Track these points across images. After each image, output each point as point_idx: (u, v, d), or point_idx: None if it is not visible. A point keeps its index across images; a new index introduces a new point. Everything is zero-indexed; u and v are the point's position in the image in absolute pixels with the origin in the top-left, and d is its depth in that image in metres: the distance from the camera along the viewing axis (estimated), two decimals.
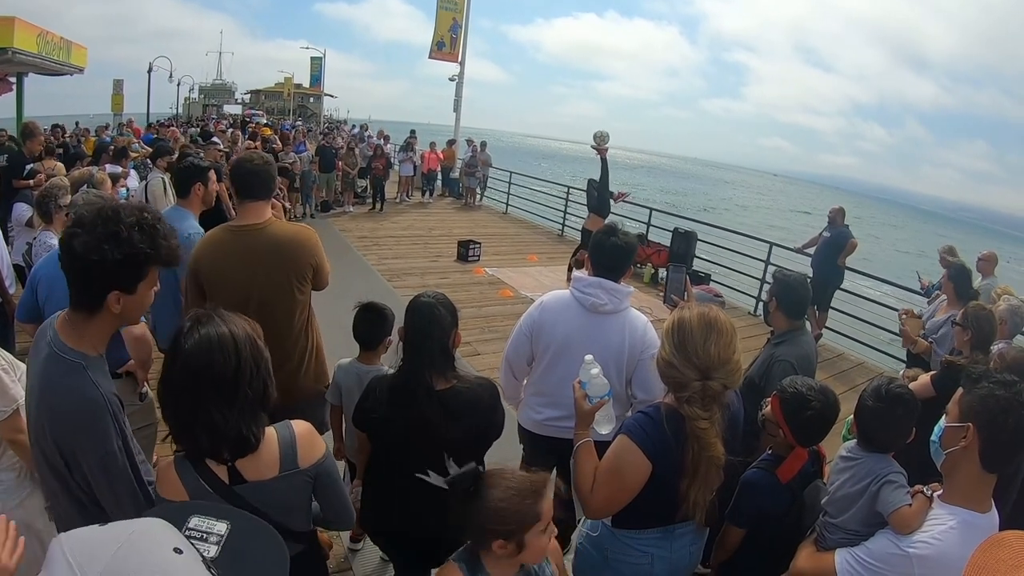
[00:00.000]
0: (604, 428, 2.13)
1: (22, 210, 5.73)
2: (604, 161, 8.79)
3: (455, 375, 2.28)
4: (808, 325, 3.05)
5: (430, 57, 19.87)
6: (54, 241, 4.19)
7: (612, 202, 9.35)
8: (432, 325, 2.24)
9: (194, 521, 0.92)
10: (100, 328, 1.72)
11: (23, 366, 2.34)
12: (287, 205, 13.07)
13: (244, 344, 1.58)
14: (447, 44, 19.71)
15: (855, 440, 2.22)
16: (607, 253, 2.86)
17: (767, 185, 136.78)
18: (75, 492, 1.76)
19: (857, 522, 2.08)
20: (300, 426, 1.75)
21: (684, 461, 1.94)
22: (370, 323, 3.05)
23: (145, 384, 3.13)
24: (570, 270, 9.87)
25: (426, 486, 2.21)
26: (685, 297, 2.88)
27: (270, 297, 2.91)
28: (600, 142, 8.76)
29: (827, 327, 8.66)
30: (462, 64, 19.85)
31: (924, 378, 3.73)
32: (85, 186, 4.38)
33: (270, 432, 1.67)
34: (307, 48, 59.79)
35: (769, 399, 2.48)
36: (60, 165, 7.78)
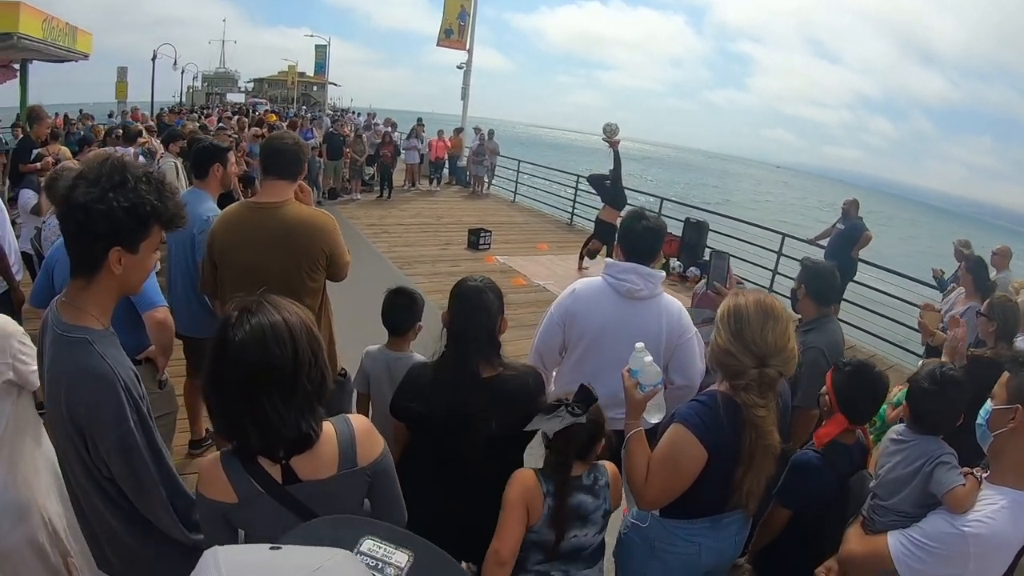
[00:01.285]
0: (654, 417, 2.09)
1: (28, 196, 5.65)
2: (616, 153, 8.83)
3: (501, 362, 2.20)
4: None
5: (438, 45, 19.78)
6: None
7: (609, 146, 9.13)
8: (480, 311, 2.16)
9: (367, 544, 0.81)
10: (101, 295, 1.64)
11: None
12: None
13: (300, 333, 1.44)
14: (455, 32, 19.61)
15: (904, 424, 2.24)
16: (639, 237, 2.79)
17: (770, 177, 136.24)
18: (100, 482, 1.67)
19: (909, 504, 2.08)
20: (359, 421, 1.63)
21: (740, 450, 1.93)
22: (401, 308, 2.92)
23: (165, 371, 3.07)
24: (581, 259, 9.87)
25: (466, 477, 2.17)
26: (727, 284, 2.84)
27: (278, 278, 2.78)
28: (611, 134, 8.88)
29: (839, 319, 8.59)
30: (470, 52, 19.75)
31: None
32: None
33: (328, 427, 1.54)
34: (311, 36, 59.72)
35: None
36: (65, 149, 7.73)
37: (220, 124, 14.32)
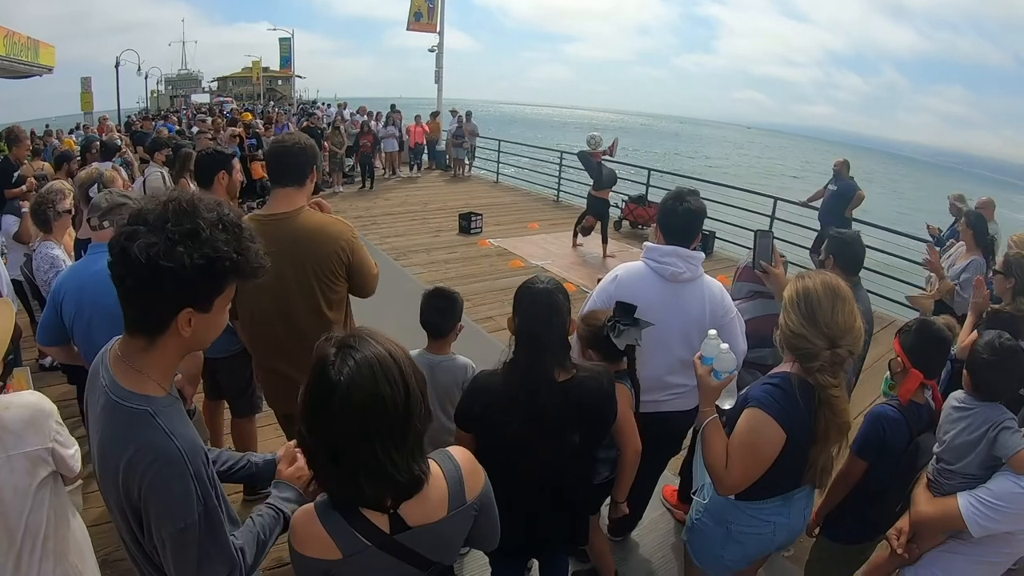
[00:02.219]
0: (727, 403, 2.10)
1: (9, 223, 5.43)
2: (600, 164, 9.16)
3: (573, 363, 2.14)
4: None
5: (408, 29, 19.44)
6: (56, 252, 3.96)
7: (609, 155, 9.57)
8: (553, 314, 2.08)
9: None
10: (164, 358, 1.38)
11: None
12: None
13: (408, 368, 1.31)
14: (425, 14, 19.30)
15: (964, 392, 2.35)
16: (681, 218, 2.78)
17: (745, 139, 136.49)
18: (152, 557, 1.44)
19: (976, 467, 2.21)
20: (461, 454, 1.52)
21: (816, 429, 1.97)
22: (440, 310, 2.82)
23: (193, 400, 2.98)
24: (576, 236, 9.86)
25: (543, 481, 2.14)
26: (773, 263, 2.81)
27: (296, 292, 2.68)
28: (595, 146, 9.21)
29: None
30: (441, 34, 19.46)
31: (971, 333, 3.74)
32: (95, 186, 4.11)
33: (434, 467, 1.42)
34: (274, 30, 58.19)
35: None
36: (48, 165, 7.51)
37: (196, 129, 13.98)
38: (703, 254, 2.79)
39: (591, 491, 2.51)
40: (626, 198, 11.69)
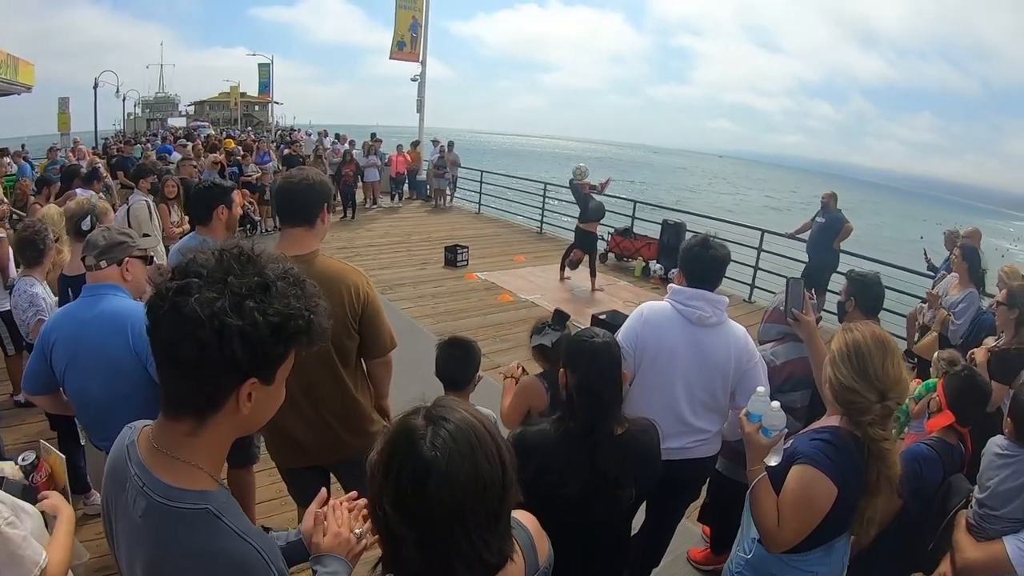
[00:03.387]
0: (773, 460, 2.04)
1: None
2: (588, 195, 9.19)
3: (624, 417, 2.09)
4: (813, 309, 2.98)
5: (391, 58, 19.43)
6: (36, 289, 3.78)
7: (598, 193, 9.54)
8: (613, 368, 2.02)
9: None
10: (215, 442, 1.15)
11: (32, 509, 1.80)
12: (257, 218, 12.69)
13: (500, 438, 1.16)
14: (408, 44, 19.32)
15: (1006, 438, 2.38)
16: (706, 265, 2.75)
17: (717, 168, 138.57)
18: None
19: (1022, 511, 2.25)
20: (525, 518, 1.40)
21: (868, 482, 1.95)
22: (458, 360, 2.69)
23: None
24: (563, 269, 9.81)
25: (598, 539, 2.07)
26: (804, 310, 2.76)
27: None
28: (581, 176, 9.35)
29: (825, 310, 8.68)
30: (424, 63, 19.49)
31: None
32: (88, 219, 3.92)
33: None
34: (253, 55, 58.42)
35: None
36: None
37: (177, 155, 13.79)
38: (727, 299, 2.76)
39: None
40: (612, 230, 11.70)
